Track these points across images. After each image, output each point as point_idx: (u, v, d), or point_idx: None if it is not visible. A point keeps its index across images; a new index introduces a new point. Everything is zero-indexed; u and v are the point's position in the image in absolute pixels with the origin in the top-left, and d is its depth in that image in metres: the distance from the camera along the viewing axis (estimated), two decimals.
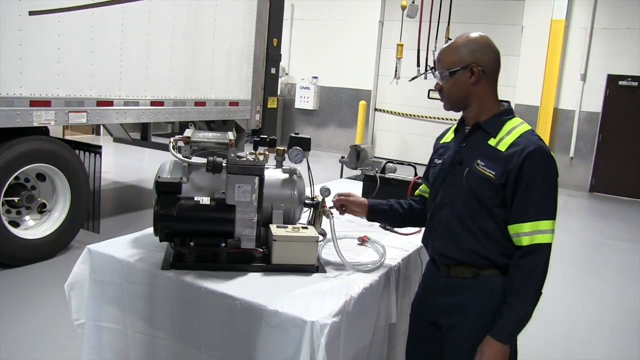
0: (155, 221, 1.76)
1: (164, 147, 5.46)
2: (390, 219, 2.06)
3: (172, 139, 2.01)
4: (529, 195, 1.55)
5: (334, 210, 2.08)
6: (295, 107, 11.85)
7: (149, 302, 1.80)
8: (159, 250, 1.93)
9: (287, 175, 2.09)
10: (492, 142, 1.63)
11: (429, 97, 8.16)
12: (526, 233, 1.56)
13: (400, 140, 11.12)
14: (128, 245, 1.97)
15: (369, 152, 3.93)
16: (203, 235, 1.81)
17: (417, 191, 2.04)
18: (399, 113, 11.08)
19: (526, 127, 1.63)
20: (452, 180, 1.70)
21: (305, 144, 2.12)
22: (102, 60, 4.36)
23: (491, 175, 1.59)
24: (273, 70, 6.42)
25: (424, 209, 1.91)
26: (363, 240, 2.28)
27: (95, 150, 4.47)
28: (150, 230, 1.87)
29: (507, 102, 1.74)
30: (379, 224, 2.49)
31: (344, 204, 2.05)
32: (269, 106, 6.44)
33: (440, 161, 1.78)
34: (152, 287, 1.79)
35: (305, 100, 11.65)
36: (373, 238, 2.27)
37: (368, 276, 1.86)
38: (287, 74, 11.89)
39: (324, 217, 2.06)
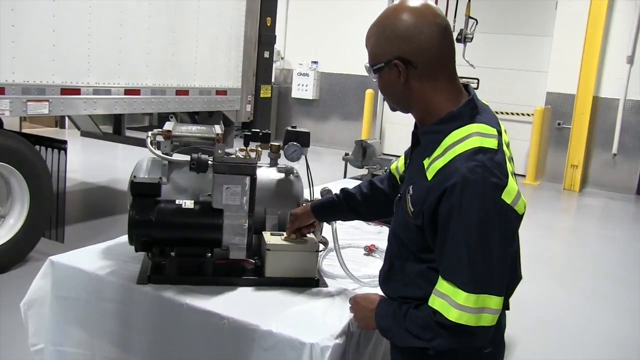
0: (131, 228, 1.77)
1: (141, 143, 5.43)
2: (345, 210, 1.88)
3: (150, 133, 2.03)
4: (442, 245, 1.30)
5: None
6: (292, 96, 11.87)
7: (122, 322, 1.81)
8: (134, 262, 1.94)
9: (282, 175, 2.10)
10: (426, 162, 1.37)
11: None
12: (441, 294, 1.30)
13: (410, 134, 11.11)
14: (98, 256, 1.98)
15: (377, 149, 3.94)
16: (186, 244, 1.82)
17: (392, 166, 1.85)
18: None
19: (473, 143, 1.29)
20: (395, 206, 1.55)
21: (303, 139, 2.13)
22: (67, 41, 4.36)
23: (409, 212, 1.39)
24: (266, 54, 6.43)
25: (389, 191, 1.80)
26: (370, 250, 2.30)
27: (60, 146, 4.48)
28: (124, 238, 1.88)
29: (470, 95, 1.41)
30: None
31: (294, 219, 1.91)
32: (261, 95, 6.46)
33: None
34: (126, 305, 1.80)
35: (303, 89, 11.67)
36: (381, 247, 2.28)
37: (375, 291, 1.86)
38: (282, 58, 11.91)
39: (324, 223, 2.07)
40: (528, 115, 9.79)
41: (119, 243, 2.09)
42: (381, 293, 1.59)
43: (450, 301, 1.28)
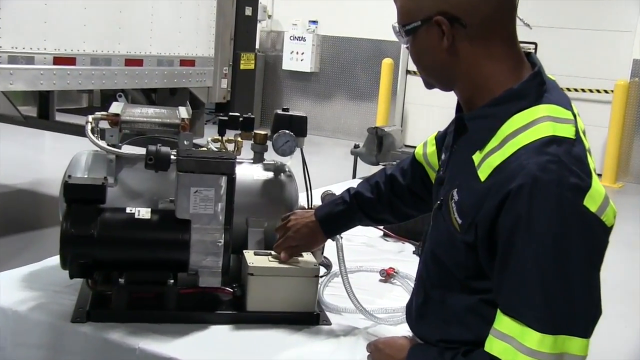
0: (64, 246, 1.78)
1: (78, 130, 5.47)
2: (363, 220, 1.94)
3: (90, 118, 2.04)
4: (504, 269, 1.29)
5: None
6: (283, 68, 11.88)
7: None
8: (68, 293, 1.95)
9: (270, 175, 2.12)
10: (476, 157, 1.38)
11: None
12: (503, 336, 1.28)
13: (444, 118, 11.05)
14: (17, 286, 1.99)
15: (397, 139, 3.97)
16: (139, 267, 1.83)
17: (417, 151, 1.91)
18: None
19: (543, 130, 1.29)
20: (434, 216, 1.56)
21: (298, 126, 2.15)
22: None
23: (456, 226, 1.39)
24: (248, 11, 6.47)
25: (415, 186, 1.86)
26: (388, 274, 2.31)
27: None
28: (55, 260, 1.89)
29: (534, 67, 1.40)
30: (413, 249, 2.52)
31: (287, 235, 1.93)
32: (241, 67, 6.48)
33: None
34: (56, 351, 1.81)
35: (298, 58, 11.67)
36: (403, 270, 2.31)
37: (396, 330, 1.89)
38: (269, 16, 11.92)
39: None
40: (606, 92, 9.78)
41: (46, 267, 2.10)
42: (410, 334, 1.60)
43: (517, 345, 1.25)
